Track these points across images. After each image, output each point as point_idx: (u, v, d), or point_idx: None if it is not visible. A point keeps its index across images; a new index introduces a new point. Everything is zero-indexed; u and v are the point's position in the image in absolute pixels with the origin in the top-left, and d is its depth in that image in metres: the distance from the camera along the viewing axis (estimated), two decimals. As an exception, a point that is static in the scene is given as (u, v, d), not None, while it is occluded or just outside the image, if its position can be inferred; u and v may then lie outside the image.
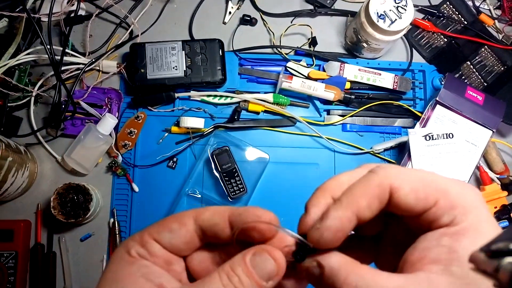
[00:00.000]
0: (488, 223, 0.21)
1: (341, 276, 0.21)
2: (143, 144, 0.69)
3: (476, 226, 0.21)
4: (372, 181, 0.22)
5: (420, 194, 0.22)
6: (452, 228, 0.21)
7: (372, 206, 0.22)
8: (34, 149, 0.68)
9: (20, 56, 0.66)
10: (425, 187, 0.22)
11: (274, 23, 0.74)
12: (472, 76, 0.75)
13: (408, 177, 0.22)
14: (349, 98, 0.70)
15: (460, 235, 0.21)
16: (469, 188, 0.22)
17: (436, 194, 0.22)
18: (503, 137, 0.74)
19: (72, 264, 0.65)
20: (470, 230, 0.21)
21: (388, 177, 0.22)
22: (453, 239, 0.21)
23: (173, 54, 0.67)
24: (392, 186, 0.22)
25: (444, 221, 0.21)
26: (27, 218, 0.65)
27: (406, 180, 0.22)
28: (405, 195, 0.22)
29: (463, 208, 0.21)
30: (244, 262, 0.22)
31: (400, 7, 0.65)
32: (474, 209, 0.21)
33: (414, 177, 0.22)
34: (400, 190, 0.22)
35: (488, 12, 0.78)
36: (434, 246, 0.21)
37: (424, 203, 0.22)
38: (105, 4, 0.72)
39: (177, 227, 0.24)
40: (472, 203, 0.22)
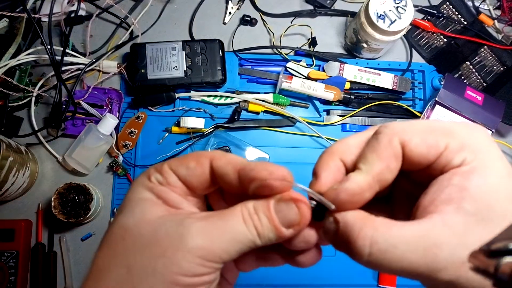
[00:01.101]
0: (498, 160, 0.21)
1: (355, 230, 0.21)
2: (144, 144, 0.69)
3: (486, 163, 0.21)
4: (382, 141, 0.22)
5: (430, 141, 0.21)
6: (463, 168, 0.21)
7: (391, 166, 0.22)
8: (35, 149, 0.68)
9: (21, 56, 0.66)
10: (434, 133, 0.22)
11: (274, 23, 0.75)
12: (472, 76, 0.75)
13: (415, 128, 0.22)
14: (349, 98, 0.70)
15: (471, 173, 0.20)
16: (477, 128, 0.22)
17: (445, 138, 0.21)
18: (502, 137, 0.75)
19: (72, 263, 0.65)
20: (480, 168, 0.20)
21: (396, 133, 0.22)
22: (463, 177, 0.20)
23: (173, 55, 0.68)
24: (402, 140, 0.22)
25: (455, 163, 0.21)
26: (28, 217, 0.66)
27: (414, 131, 0.22)
28: (416, 145, 0.21)
29: (472, 148, 0.21)
30: (268, 205, 0.22)
31: (399, 8, 0.65)
32: (483, 148, 0.21)
33: (421, 127, 0.22)
34: (411, 142, 0.21)
35: (488, 12, 0.78)
36: (445, 186, 0.21)
37: (436, 149, 0.21)
38: (106, 4, 0.72)
39: (194, 165, 0.24)
40: (481, 142, 0.21)
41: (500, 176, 0.20)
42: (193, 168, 0.24)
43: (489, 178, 0.20)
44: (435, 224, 0.20)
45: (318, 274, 0.67)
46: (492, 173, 0.20)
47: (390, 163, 0.22)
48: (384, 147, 0.22)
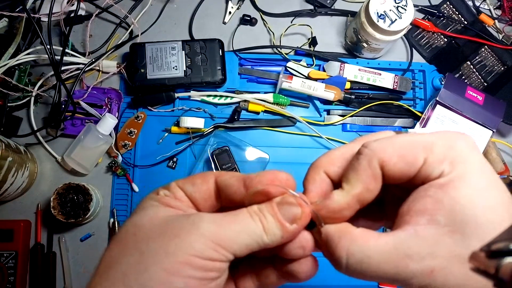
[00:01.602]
0: (477, 171, 0.21)
1: (334, 241, 0.23)
2: (143, 144, 0.69)
3: (463, 175, 0.21)
4: (362, 163, 0.23)
5: (408, 158, 0.22)
6: (440, 180, 0.21)
7: (370, 187, 0.23)
8: (34, 149, 0.68)
9: (20, 56, 0.66)
10: (412, 149, 0.22)
11: (274, 23, 0.74)
12: (472, 76, 0.75)
13: (394, 145, 0.22)
14: (349, 98, 0.70)
15: (446, 185, 0.21)
16: (459, 138, 0.22)
17: (424, 152, 0.22)
18: (503, 137, 0.74)
19: (72, 264, 0.65)
20: (457, 180, 0.21)
21: (375, 154, 0.22)
22: (439, 189, 0.21)
23: (173, 54, 0.67)
24: (381, 161, 0.22)
25: (433, 175, 0.22)
26: (27, 218, 0.65)
27: (393, 149, 0.22)
28: (395, 164, 0.22)
29: (451, 160, 0.21)
30: (271, 204, 0.24)
31: (400, 7, 0.65)
32: (463, 159, 0.21)
33: (400, 144, 0.22)
34: (390, 161, 0.22)
35: (488, 12, 0.78)
36: (421, 197, 0.22)
37: (415, 165, 0.22)
38: (105, 4, 0.72)
39: (200, 182, 0.25)
40: (461, 153, 0.21)
41: (477, 188, 0.21)
42: (199, 184, 0.25)
43: (464, 190, 0.20)
44: (407, 235, 0.21)
45: (318, 274, 0.67)
46: (469, 185, 0.21)
47: (369, 184, 0.23)
48: (363, 169, 0.23)
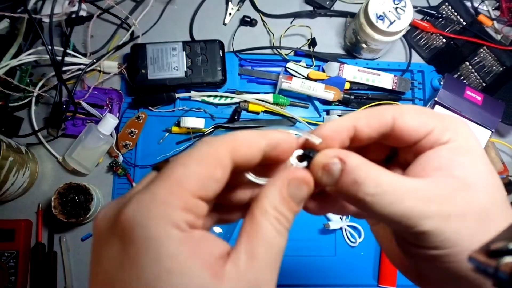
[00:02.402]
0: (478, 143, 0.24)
1: (363, 171, 0.22)
2: (144, 144, 0.69)
3: (469, 143, 0.23)
4: (376, 109, 0.25)
5: (420, 119, 0.24)
6: (449, 144, 0.23)
7: (370, 124, 0.24)
8: (35, 149, 0.68)
9: (21, 57, 0.66)
10: (424, 113, 0.24)
11: (274, 24, 0.75)
12: (471, 76, 0.75)
13: (407, 107, 0.25)
14: (349, 99, 0.71)
15: (457, 149, 0.23)
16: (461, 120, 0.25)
17: (434, 119, 0.24)
18: (502, 137, 0.75)
19: (73, 263, 0.65)
20: (466, 147, 0.23)
21: (390, 108, 0.24)
22: (451, 151, 0.23)
23: (174, 55, 0.68)
24: (394, 116, 0.24)
25: (442, 141, 0.23)
26: (28, 217, 0.66)
27: (406, 109, 0.24)
28: (408, 120, 0.24)
29: (458, 130, 0.24)
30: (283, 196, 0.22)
31: (399, 8, 0.65)
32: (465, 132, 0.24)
33: (413, 107, 0.25)
34: (403, 116, 0.24)
35: (487, 13, 0.79)
36: (433, 158, 0.23)
37: (425, 126, 0.24)
38: (106, 5, 0.72)
39: (221, 174, 0.20)
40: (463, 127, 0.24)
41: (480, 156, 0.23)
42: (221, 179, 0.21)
43: (473, 155, 0.23)
44: (427, 182, 0.22)
45: (318, 274, 0.67)
46: (475, 152, 0.23)
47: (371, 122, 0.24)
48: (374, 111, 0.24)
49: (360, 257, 0.68)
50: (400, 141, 0.24)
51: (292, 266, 0.67)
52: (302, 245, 0.68)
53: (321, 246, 0.68)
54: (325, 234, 0.68)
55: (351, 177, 0.22)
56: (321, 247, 0.68)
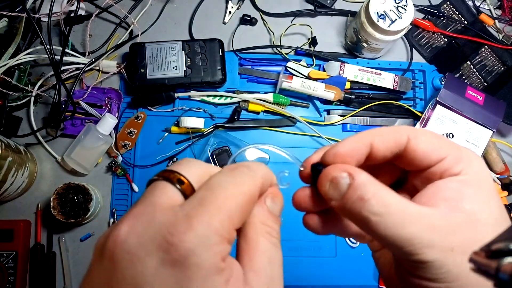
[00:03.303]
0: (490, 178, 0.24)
1: (371, 188, 0.22)
2: (143, 144, 0.69)
3: (481, 177, 0.23)
4: (394, 128, 0.25)
5: (435, 144, 0.24)
6: (460, 177, 0.23)
7: (386, 142, 0.24)
8: (34, 149, 0.68)
9: (20, 56, 0.66)
10: (439, 139, 0.24)
11: (274, 23, 0.74)
12: (472, 76, 0.75)
13: (424, 131, 0.25)
14: (349, 98, 0.70)
15: (468, 182, 0.23)
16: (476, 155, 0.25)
17: (448, 147, 0.24)
18: (503, 137, 0.74)
19: (72, 264, 0.65)
20: (477, 180, 0.23)
21: (407, 129, 0.24)
22: (461, 184, 0.23)
23: (173, 54, 0.67)
24: (410, 137, 0.24)
25: (454, 171, 0.23)
26: (27, 218, 0.65)
27: (423, 133, 0.24)
28: (422, 143, 0.24)
29: (470, 162, 0.23)
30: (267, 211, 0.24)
31: (400, 7, 0.65)
32: (478, 165, 0.24)
33: (429, 132, 0.25)
34: (418, 139, 0.24)
35: (488, 12, 0.78)
36: (443, 188, 0.23)
37: (438, 152, 0.23)
38: (105, 4, 0.72)
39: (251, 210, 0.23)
40: (477, 160, 0.24)
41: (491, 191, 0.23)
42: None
43: (483, 190, 0.23)
44: (434, 211, 0.22)
45: (318, 274, 0.67)
46: (486, 187, 0.23)
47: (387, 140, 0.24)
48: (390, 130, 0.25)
49: (361, 257, 0.68)
50: (412, 163, 0.24)
51: (293, 266, 0.67)
52: (303, 246, 0.67)
53: (321, 246, 0.68)
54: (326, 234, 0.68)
55: (358, 193, 0.22)
56: (321, 248, 0.68)
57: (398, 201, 0.21)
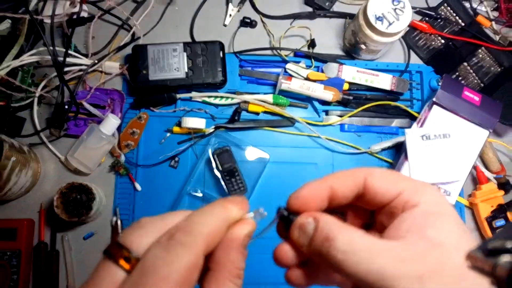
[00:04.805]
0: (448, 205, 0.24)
1: (336, 229, 0.23)
2: (146, 144, 0.70)
3: (440, 206, 0.24)
4: (351, 170, 0.26)
5: (389, 180, 0.25)
6: (422, 206, 0.24)
7: (346, 184, 0.26)
8: (37, 149, 0.69)
9: (23, 57, 0.67)
10: (392, 175, 0.26)
11: (274, 25, 0.75)
12: (469, 77, 0.76)
13: (377, 169, 0.26)
14: (347, 99, 0.71)
15: (429, 212, 0.23)
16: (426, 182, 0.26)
17: (403, 182, 0.25)
18: (499, 137, 0.75)
19: (75, 262, 0.66)
20: (438, 208, 0.24)
21: (363, 169, 0.26)
22: (423, 214, 0.23)
23: (175, 56, 0.68)
24: (365, 176, 0.25)
25: (412, 203, 0.24)
26: (31, 217, 0.66)
27: (376, 171, 0.26)
28: (377, 180, 0.25)
29: (426, 192, 0.24)
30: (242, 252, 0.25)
31: (398, 9, 0.66)
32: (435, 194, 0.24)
33: (383, 170, 0.26)
34: (373, 176, 0.25)
35: (485, 14, 0.79)
36: (407, 219, 0.24)
37: (394, 188, 0.25)
38: (108, 6, 0.73)
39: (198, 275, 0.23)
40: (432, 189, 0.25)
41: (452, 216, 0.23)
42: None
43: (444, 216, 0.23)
44: (399, 243, 0.22)
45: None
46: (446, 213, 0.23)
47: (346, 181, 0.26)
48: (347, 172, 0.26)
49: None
50: (373, 201, 0.25)
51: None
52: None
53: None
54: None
55: (323, 234, 0.23)
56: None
57: (363, 237, 0.22)
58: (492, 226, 0.68)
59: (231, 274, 0.24)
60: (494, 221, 0.68)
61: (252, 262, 0.67)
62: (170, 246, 0.22)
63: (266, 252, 0.66)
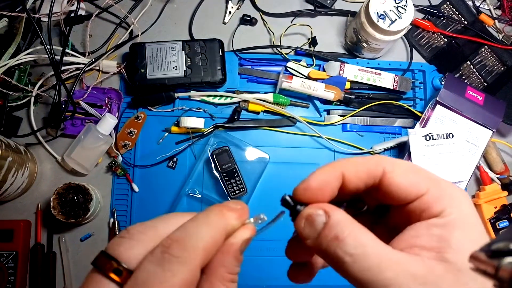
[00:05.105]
0: (476, 217, 0.22)
1: (347, 228, 0.21)
2: (143, 144, 0.69)
3: (465, 219, 0.21)
4: (367, 158, 0.24)
5: (412, 178, 0.22)
6: (442, 219, 0.21)
7: (359, 174, 0.23)
8: (34, 149, 0.68)
9: (20, 56, 0.66)
10: (417, 173, 0.23)
11: (274, 23, 0.74)
12: (472, 76, 0.75)
13: (401, 163, 0.23)
14: (349, 98, 0.70)
15: (451, 226, 0.21)
16: (459, 188, 0.23)
17: (428, 182, 0.22)
18: (503, 137, 0.74)
19: (72, 264, 0.65)
20: (461, 223, 0.21)
21: (382, 160, 0.23)
22: (443, 229, 0.21)
23: (173, 54, 0.67)
24: (385, 169, 0.23)
25: (434, 211, 0.22)
26: (27, 218, 0.65)
27: (399, 165, 0.23)
28: (398, 176, 0.22)
29: (452, 200, 0.22)
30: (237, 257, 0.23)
31: (400, 7, 0.65)
32: (462, 202, 0.22)
33: (407, 165, 0.23)
34: (394, 172, 0.23)
35: (488, 12, 0.78)
36: (424, 234, 0.21)
37: (417, 188, 0.22)
38: (105, 4, 0.72)
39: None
40: (460, 196, 0.22)
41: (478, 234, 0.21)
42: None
43: (469, 234, 0.21)
44: (414, 259, 0.20)
45: (318, 274, 0.67)
46: (472, 229, 0.21)
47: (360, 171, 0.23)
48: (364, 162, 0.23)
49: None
50: (387, 198, 0.23)
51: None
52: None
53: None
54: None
55: (333, 232, 0.21)
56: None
57: (376, 243, 0.21)
58: (496, 227, 0.67)
59: (225, 279, 0.22)
60: (497, 222, 0.67)
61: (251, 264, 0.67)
62: (164, 261, 0.20)
63: (263, 254, 0.66)
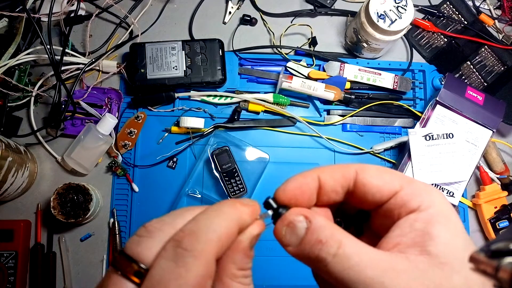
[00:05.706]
0: (453, 210, 0.22)
1: (328, 231, 0.21)
2: (143, 144, 0.69)
3: (445, 213, 0.22)
4: (341, 164, 0.25)
5: (385, 177, 0.23)
6: (423, 213, 0.22)
7: (334, 176, 0.24)
8: (34, 149, 0.68)
9: (20, 56, 0.66)
10: (389, 173, 0.24)
11: (274, 23, 0.74)
12: (472, 76, 0.75)
13: (373, 166, 0.24)
14: (349, 98, 0.70)
15: (432, 220, 0.21)
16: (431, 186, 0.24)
17: (400, 180, 0.23)
18: (503, 137, 0.74)
19: (72, 264, 0.65)
20: (441, 216, 0.22)
21: (355, 164, 0.24)
22: (425, 223, 0.21)
23: (173, 54, 0.67)
24: (358, 170, 0.24)
25: (412, 205, 0.22)
26: (27, 218, 0.65)
27: (371, 167, 0.24)
28: (371, 176, 0.23)
29: (428, 194, 0.22)
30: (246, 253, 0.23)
31: (400, 7, 0.65)
32: (437, 197, 0.22)
33: (379, 167, 0.24)
34: (366, 172, 0.23)
35: (488, 12, 0.78)
36: (408, 232, 0.22)
37: (390, 185, 0.23)
38: (105, 4, 0.72)
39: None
40: (436, 195, 0.23)
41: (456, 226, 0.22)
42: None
43: (451, 228, 0.21)
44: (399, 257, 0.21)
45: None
46: (452, 223, 0.22)
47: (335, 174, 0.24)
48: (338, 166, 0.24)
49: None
50: (364, 199, 0.24)
51: (294, 266, 0.67)
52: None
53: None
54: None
55: (315, 236, 0.21)
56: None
57: (357, 243, 0.21)
58: (496, 227, 0.67)
59: (236, 276, 0.22)
60: (497, 222, 0.67)
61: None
62: (177, 256, 0.20)
63: (263, 254, 0.66)
